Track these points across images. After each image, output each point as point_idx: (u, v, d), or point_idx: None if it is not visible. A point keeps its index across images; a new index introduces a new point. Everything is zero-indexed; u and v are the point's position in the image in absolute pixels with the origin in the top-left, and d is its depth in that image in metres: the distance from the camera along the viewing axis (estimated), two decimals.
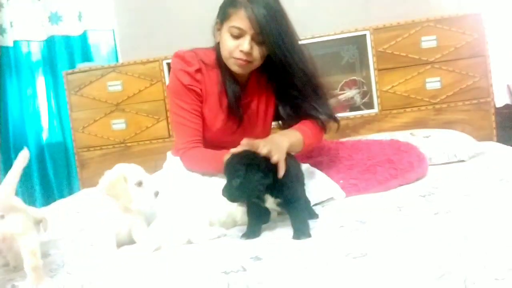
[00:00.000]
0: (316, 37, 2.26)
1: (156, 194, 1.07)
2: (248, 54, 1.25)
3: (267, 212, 1.14)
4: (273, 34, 1.21)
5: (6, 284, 0.93)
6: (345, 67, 2.51)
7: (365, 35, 2.23)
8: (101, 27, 2.79)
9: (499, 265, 0.69)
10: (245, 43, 1.23)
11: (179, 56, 1.36)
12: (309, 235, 1.01)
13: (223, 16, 1.28)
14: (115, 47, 2.79)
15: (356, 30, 2.25)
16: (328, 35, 2.26)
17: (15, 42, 2.80)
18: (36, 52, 2.84)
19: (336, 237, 0.98)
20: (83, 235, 1.20)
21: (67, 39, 2.78)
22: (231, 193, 1.01)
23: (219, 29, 1.31)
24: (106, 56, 2.80)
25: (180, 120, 1.35)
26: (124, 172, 1.06)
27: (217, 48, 1.35)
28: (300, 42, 1.32)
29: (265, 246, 0.97)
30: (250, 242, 1.03)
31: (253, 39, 1.23)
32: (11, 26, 2.79)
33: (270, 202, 1.08)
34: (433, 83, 2.18)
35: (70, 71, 2.47)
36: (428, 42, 2.17)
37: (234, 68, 1.30)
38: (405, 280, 0.70)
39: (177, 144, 1.37)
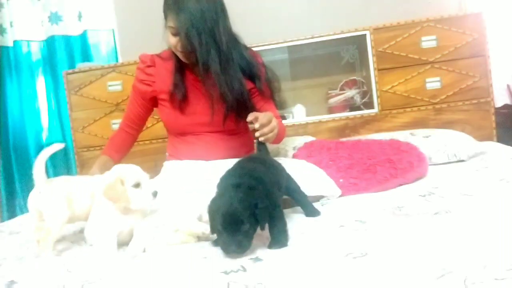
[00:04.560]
0: (316, 37, 2.27)
1: (155, 194, 1.08)
2: (185, 47, 1.44)
3: None
4: (197, 33, 1.38)
5: (6, 280, 0.93)
6: (345, 67, 2.52)
7: (365, 35, 2.23)
8: (101, 27, 2.79)
9: (499, 265, 0.69)
10: (179, 42, 1.44)
11: (139, 57, 1.65)
12: (284, 245, 0.95)
13: (164, 15, 1.48)
14: (115, 47, 2.79)
15: (356, 30, 2.25)
16: (328, 35, 2.26)
17: (15, 42, 2.80)
18: (36, 52, 2.85)
19: (336, 237, 0.98)
20: (84, 235, 1.20)
21: (67, 39, 2.78)
22: (244, 244, 0.91)
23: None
24: (106, 56, 2.81)
25: (127, 105, 1.70)
26: (121, 174, 1.06)
27: None
28: (229, 37, 1.47)
29: (264, 246, 0.97)
30: None
31: (186, 35, 1.40)
32: (11, 26, 2.80)
33: None
34: (433, 83, 2.18)
35: (70, 71, 2.47)
36: (428, 42, 2.17)
37: (182, 59, 1.52)
38: (405, 280, 0.70)
39: None
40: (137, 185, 1.06)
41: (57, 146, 1.17)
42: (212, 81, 1.47)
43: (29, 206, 1.14)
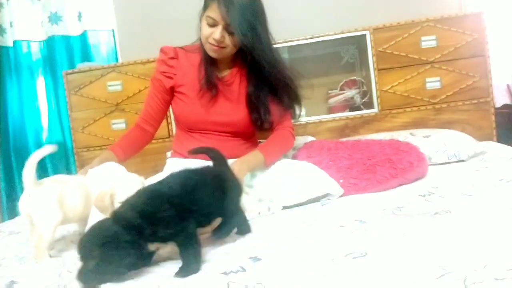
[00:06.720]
0: (316, 37, 2.26)
1: None
2: (220, 41, 1.40)
3: None
4: (241, 27, 1.35)
5: (6, 280, 0.93)
6: (345, 67, 2.52)
7: (365, 35, 2.23)
8: (101, 27, 2.79)
9: (499, 265, 0.69)
10: (217, 32, 1.39)
11: (161, 49, 1.60)
12: (196, 271, 0.86)
13: (204, 4, 1.44)
14: (115, 47, 2.79)
15: (356, 30, 2.25)
16: (328, 35, 2.26)
17: (15, 42, 2.80)
18: (36, 52, 2.84)
19: (336, 237, 0.98)
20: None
21: (67, 39, 2.78)
22: (86, 277, 0.84)
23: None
24: (106, 56, 2.80)
25: (146, 100, 1.64)
26: (114, 188, 1.04)
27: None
28: (270, 36, 1.48)
29: (264, 246, 0.97)
30: (249, 242, 1.02)
31: (225, 29, 1.38)
32: (11, 26, 2.79)
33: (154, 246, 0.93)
34: (433, 83, 2.18)
35: (70, 71, 2.47)
36: (428, 42, 2.17)
37: (210, 52, 1.46)
38: (405, 280, 0.70)
39: None
40: None
41: (49, 149, 1.10)
42: (243, 80, 1.51)
43: (20, 211, 1.11)
